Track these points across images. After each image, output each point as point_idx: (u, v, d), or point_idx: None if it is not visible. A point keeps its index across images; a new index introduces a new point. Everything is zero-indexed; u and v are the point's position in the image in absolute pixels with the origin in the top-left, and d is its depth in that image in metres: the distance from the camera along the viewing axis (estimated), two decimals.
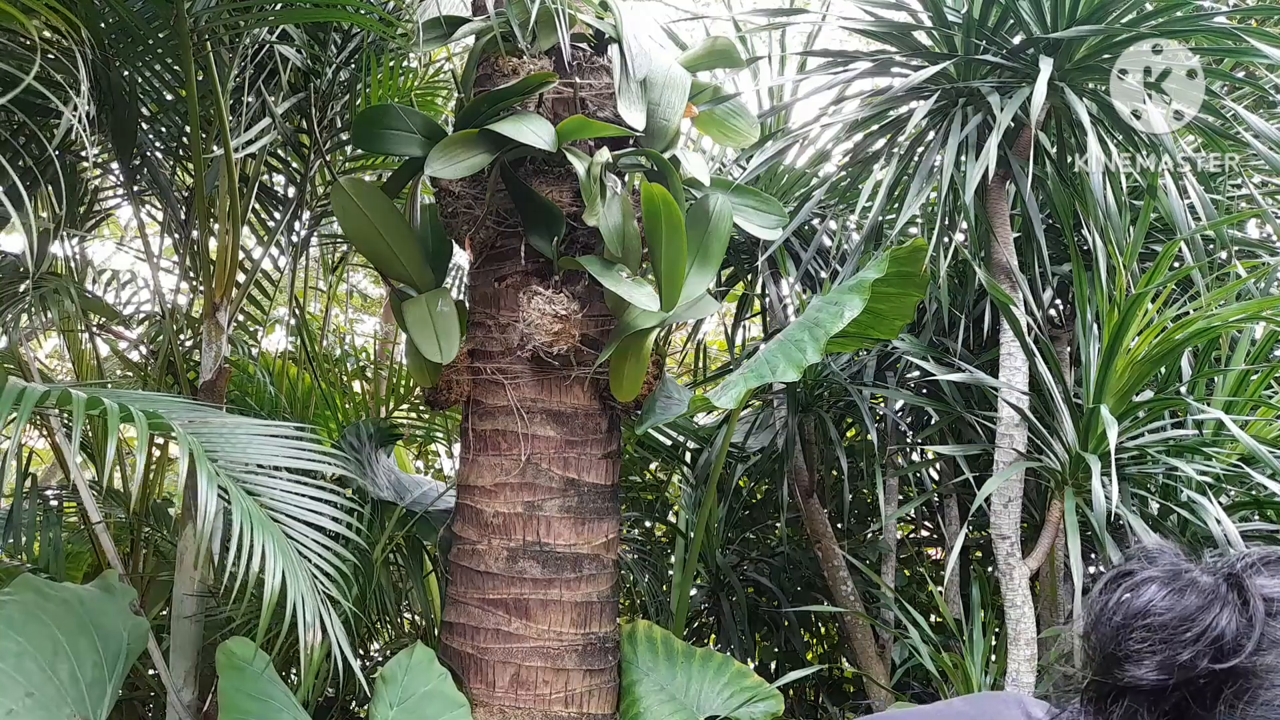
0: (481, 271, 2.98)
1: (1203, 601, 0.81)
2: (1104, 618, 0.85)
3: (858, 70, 3.11)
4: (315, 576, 2.30)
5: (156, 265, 3.69)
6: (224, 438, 2.41)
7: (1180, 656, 0.79)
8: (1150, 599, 0.83)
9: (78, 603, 2.52)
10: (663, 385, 3.04)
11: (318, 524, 2.40)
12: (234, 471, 2.31)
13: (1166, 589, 0.83)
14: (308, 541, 2.35)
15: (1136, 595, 0.84)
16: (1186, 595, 0.82)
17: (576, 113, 2.78)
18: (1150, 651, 0.80)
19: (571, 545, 2.82)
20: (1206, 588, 0.83)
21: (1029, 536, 3.25)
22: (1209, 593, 0.82)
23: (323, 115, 3.62)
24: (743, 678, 2.92)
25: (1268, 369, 2.88)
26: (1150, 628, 0.82)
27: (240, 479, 2.30)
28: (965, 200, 2.77)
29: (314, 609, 2.18)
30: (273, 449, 2.49)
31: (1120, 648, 0.82)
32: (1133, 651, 0.81)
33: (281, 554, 2.14)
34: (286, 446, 2.53)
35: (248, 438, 2.47)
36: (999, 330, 2.94)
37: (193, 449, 2.14)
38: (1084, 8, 2.70)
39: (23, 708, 2.19)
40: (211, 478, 2.12)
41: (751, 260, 3.85)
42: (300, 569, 2.22)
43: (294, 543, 2.30)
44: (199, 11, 2.85)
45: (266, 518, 2.23)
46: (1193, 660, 0.78)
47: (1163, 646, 0.80)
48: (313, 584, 2.25)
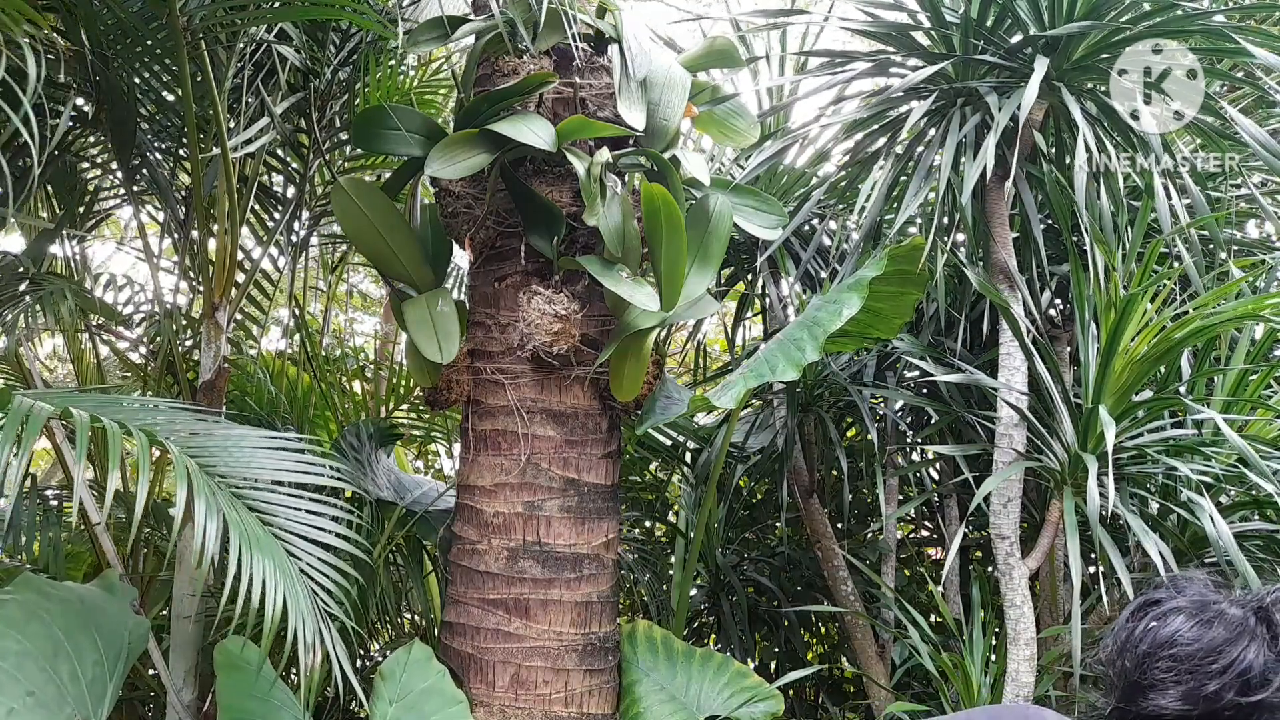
0: (481, 271, 2.98)
1: (1230, 634, 0.82)
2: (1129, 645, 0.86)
3: (857, 70, 3.12)
4: (315, 594, 2.28)
5: (156, 265, 3.69)
6: (227, 450, 2.40)
7: (1206, 688, 0.79)
8: (1177, 629, 0.83)
9: (79, 602, 2.52)
10: (663, 385, 3.04)
11: (319, 540, 2.38)
12: (235, 486, 2.30)
13: (1194, 620, 0.83)
14: (309, 559, 2.33)
15: (1163, 624, 0.84)
16: (1214, 627, 0.82)
17: (576, 113, 2.78)
18: (1175, 681, 0.81)
19: (571, 545, 2.82)
20: (1234, 620, 0.83)
21: (1029, 536, 3.26)
22: (1237, 625, 0.82)
23: (322, 115, 3.62)
24: (743, 678, 2.92)
25: (1267, 369, 2.88)
26: (1176, 658, 0.82)
27: (241, 494, 2.29)
28: (963, 200, 2.77)
29: (314, 629, 2.17)
30: (276, 462, 2.47)
31: (1145, 676, 0.83)
32: (1157, 681, 0.82)
33: (282, 575, 2.12)
34: (291, 460, 2.51)
35: (251, 451, 2.46)
36: (998, 330, 2.94)
37: (190, 472, 2.12)
38: (1081, 6, 2.70)
39: (24, 706, 2.19)
40: (211, 503, 2.10)
41: (751, 260, 3.85)
42: (301, 588, 2.20)
43: (295, 560, 2.28)
44: (193, 10, 2.85)
45: (266, 536, 2.22)
46: (1218, 692, 0.79)
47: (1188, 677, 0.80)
48: (313, 603, 2.24)
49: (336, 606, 2.32)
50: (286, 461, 2.50)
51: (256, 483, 2.38)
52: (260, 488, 2.38)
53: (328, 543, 2.40)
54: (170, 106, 3.42)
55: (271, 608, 2.06)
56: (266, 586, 2.08)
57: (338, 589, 2.35)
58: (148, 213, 3.98)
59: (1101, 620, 2.98)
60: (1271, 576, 2.68)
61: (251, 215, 3.81)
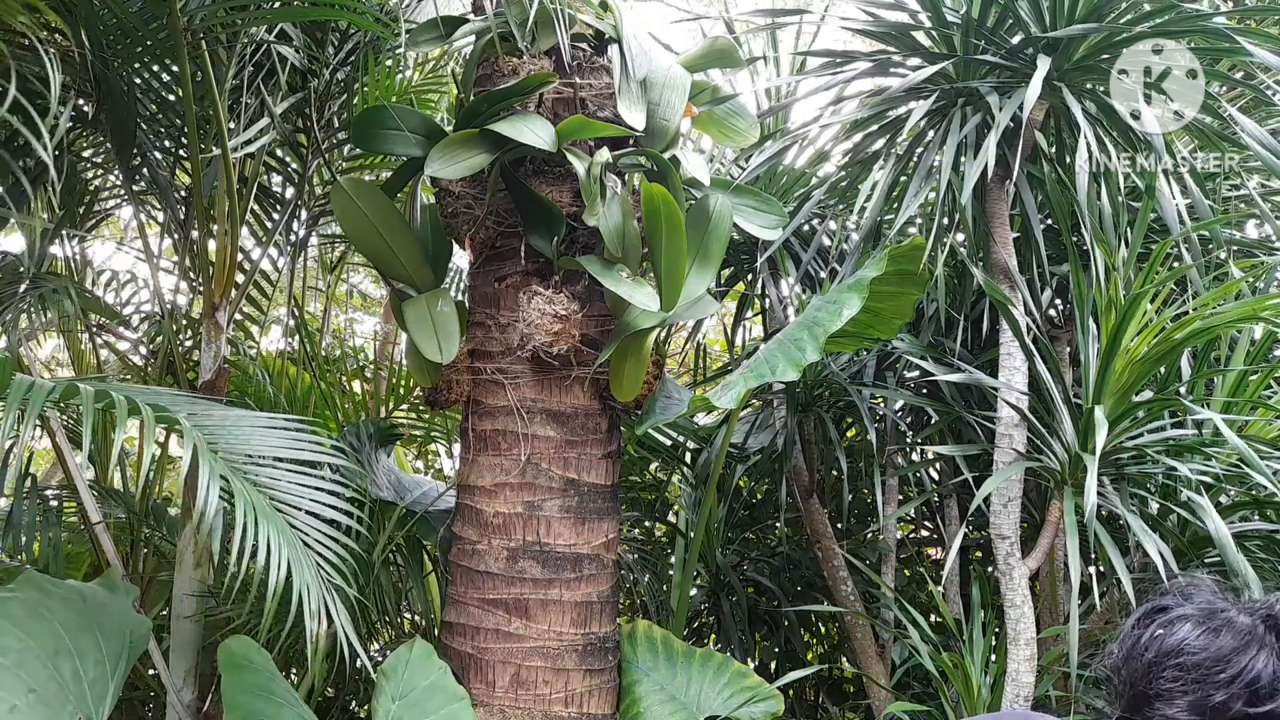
0: (481, 271, 2.98)
1: (1239, 643, 0.80)
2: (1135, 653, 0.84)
3: (857, 70, 3.12)
4: (320, 566, 2.30)
5: (156, 265, 3.69)
6: (227, 430, 2.43)
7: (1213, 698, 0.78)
8: (1184, 637, 0.82)
9: (80, 600, 2.52)
10: (663, 385, 3.04)
11: (321, 515, 2.41)
12: (236, 463, 2.32)
13: (1201, 628, 0.82)
14: (312, 532, 2.36)
15: (1170, 632, 0.83)
16: (1222, 635, 0.81)
17: (576, 113, 2.78)
18: (1182, 691, 0.80)
19: (571, 545, 2.82)
20: (1243, 628, 0.81)
21: (1029, 536, 3.26)
22: (1246, 634, 0.81)
23: (321, 115, 3.62)
24: (743, 678, 2.92)
25: (1267, 369, 2.88)
26: (1183, 666, 0.80)
27: (243, 470, 2.31)
28: (963, 200, 2.77)
29: (319, 597, 2.18)
30: (275, 441, 2.50)
31: (1151, 685, 0.82)
32: (1164, 690, 0.81)
33: (286, 544, 2.15)
34: (288, 438, 2.54)
35: (250, 430, 2.49)
36: (998, 330, 2.94)
37: (195, 442, 2.14)
38: (1083, 7, 2.70)
39: (26, 704, 2.19)
40: (213, 470, 2.12)
41: (751, 260, 3.85)
42: (305, 558, 2.22)
43: (298, 533, 2.31)
44: (193, 10, 2.85)
45: (270, 508, 2.24)
46: (1226, 703, 0.77)
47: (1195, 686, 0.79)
48: (317, 573, 2.26)
49: (339, 578, 2.33)
50: (285, 439, 2.53)
51: (259, 459, 2.41)
52: (262, 464, 2.40)
53: (329, 517, 2.43)
54: (170, 106, 3.42)
55: (276, 572, 2.08)
56: (271, 550, 2.09)
57: (343, 567, 2.37)
58: (148, 213, 3.98)
59: (1101, 620, 2.98)
60: (1272, 577, 2.68)
61: (251, 215, 3.81)
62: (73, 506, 3.51)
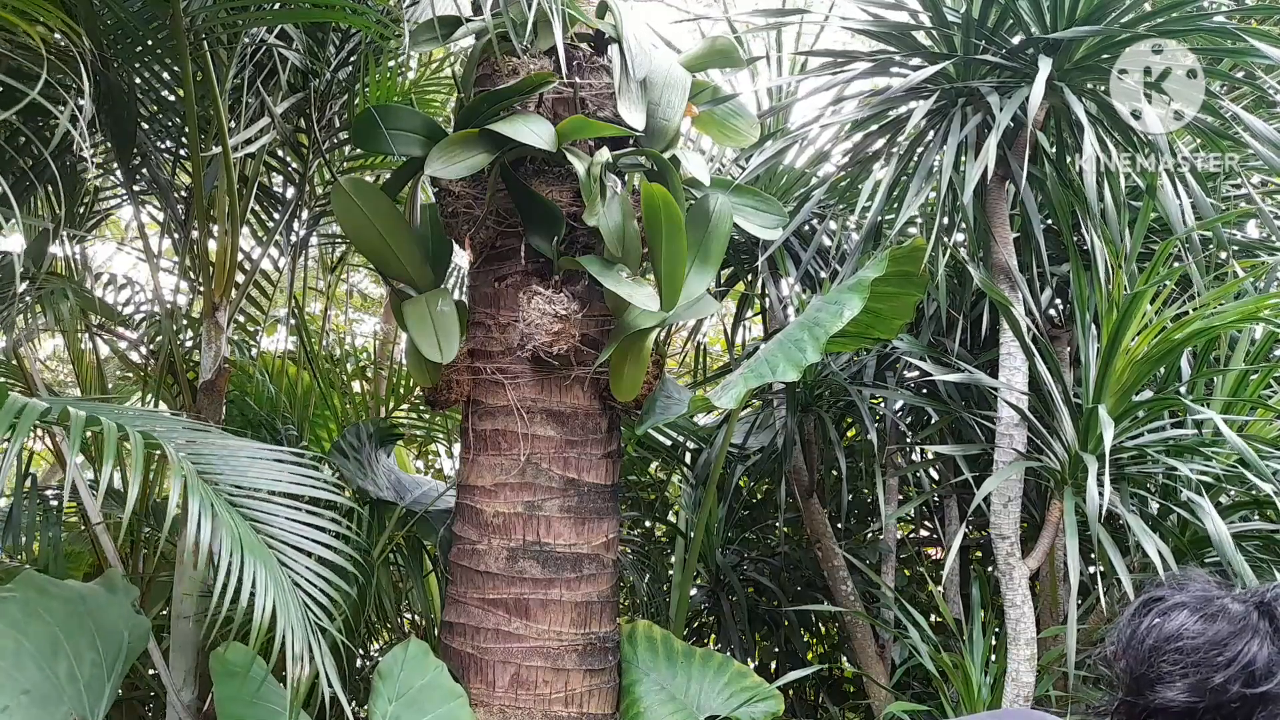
0: (481, 271, 2.98)
1: (1234, 628, 0.85)
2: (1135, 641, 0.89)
3: (857, 70, 3.11)
4: (307, 606, 2.26)
5: (156, 265, 3.69)
6: (223, 459, 2.40)
7: (1212, 680, 0.82)
8: (1181, 624, 0.87)
9: (79, 600, 2.52)
10: (663, 385, 3.04)
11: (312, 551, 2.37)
12: (230, 494, 2.29)
13: (1197, 615, 0.87)
14: (301, 569, 2.32)
15: (1167, 620, 0.88)
16: (1218, 621, 0.86)
17: (576, 113, 2.78)
18: (1181, 674, 0.84)
19: (571, 545, 2.82)
20: (1237, 615, 0.86)
21: (1029, 536, 3.25)
22: (1240, 620, 0.86)
23: (321, 115, 3.62)
24: (742, 678, 2.92)
25: (1266, 369, 2.88)
26: (1182, 651, 0.85)
27: (237, 503, 2.28)
28: (964, 200, 2.77)
29: (303, 641, 2.15)
30: (273, 474, 2.46)
31: (1151, 670, 0.86)
32: (1164, 674, 0.85)
33: (273, 583, 2.11)
34: (285, 470, 2.50)
35: (248, 460, 2.45)
36: (998, 330, 2.94)
37: (186, 475, 2.12)
38: (1083, 8, 2.70)
39: (18, 705, 2.18)
40: (204, 503, 2.10)
41: (751, 260, 3.85)
42: (292, 599, 2.19)
43: (287, 569, 2.27)
44: (195, 11, 2.85)
45: (259, 543, 2.21)
46: (1224, 685, 0.82)
47: (1194, 670, 0.84)
48: (304, 615, 2.22)
49: (327, 620, 2.29)
50: (281, 472, 2.49)
51: (252, 492, 2.37)
52: (256, 496, 2.37)
53: (321, 555, 2.38)
54: (171, 106, 3.42)
55: (260, 614, 2.05)
56: (257, 591, 2.07)
57: (330, 602, 2.32)
58: (148, 213, 3.97)
59: (1101, 620, 2.98)
60: (1271, 577, 2.68)
61: (251, 215, 3.81)
62: (73, 506, 3.51)
